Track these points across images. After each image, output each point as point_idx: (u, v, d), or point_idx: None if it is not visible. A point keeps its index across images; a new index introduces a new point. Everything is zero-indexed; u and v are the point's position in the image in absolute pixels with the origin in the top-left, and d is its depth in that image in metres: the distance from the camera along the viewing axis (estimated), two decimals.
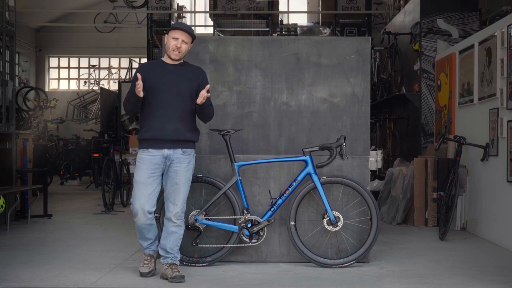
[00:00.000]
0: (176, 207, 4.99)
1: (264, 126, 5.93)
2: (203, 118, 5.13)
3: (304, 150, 5.50)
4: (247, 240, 5.42)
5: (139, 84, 4.77)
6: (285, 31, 15.67)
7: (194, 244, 5.43)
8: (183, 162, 4.97)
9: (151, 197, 4.93)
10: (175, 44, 4.94)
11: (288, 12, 18.42)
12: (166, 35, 5.02)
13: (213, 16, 14.89)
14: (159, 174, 4.98)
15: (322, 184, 5.44)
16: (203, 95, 4.86)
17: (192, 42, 5.05)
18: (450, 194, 7.11)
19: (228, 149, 5.44)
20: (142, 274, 5.09)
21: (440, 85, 8.95)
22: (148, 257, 5.15)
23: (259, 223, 5.44)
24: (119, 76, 20.69)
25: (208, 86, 4.91)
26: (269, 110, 5.94)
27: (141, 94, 4.81)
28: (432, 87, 9.38)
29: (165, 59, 5.07)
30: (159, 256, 5.16)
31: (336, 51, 5.92)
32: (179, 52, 4.96)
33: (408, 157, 9.19)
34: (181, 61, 5.07)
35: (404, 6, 10.91)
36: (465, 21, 9.38)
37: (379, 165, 8.76)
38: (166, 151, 4.93)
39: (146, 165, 4.93)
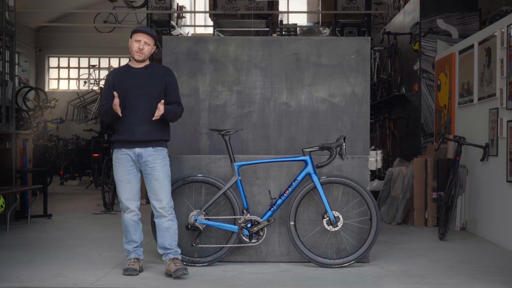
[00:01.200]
0: (161, 202, 5.12)
1: (264, 126, 5.93)
2: (169, 121, 5.28)
3: (303, 150, 5.50)
4: (247, 240, 5.43)
5: (116, 104, 4.98)
6: (285, 31, 15.68)
7: (194, 244, 5.44)
8: (157, 158, 5.14)
9: (133, 192, 5.16)
10: (138, 46, 5.15)
11: (288, 12, 18.42)
12: (129, 39, 5.22)
13: (213, 16, 14.89)
14: (137, 171, 5.18)
15: (322, 184, 5.44)
16: (158, 110, 5.01)
17: (155, 43, 5.25)
18: (450, 194, 7.11)
19: (228, 149, 5.45)
20: (128, 270, 5.07)
21: (439, 85, 8.95)
22: (135, 260, 5.19)
23: (259, 223, 5.44)
24: None
25: (163, 100, 5.04)
26: (269, 110, 5.94)
27: (120, 115, 5.03)
28: (432, 87, 9.38)
29: (132, 63, 5.28)
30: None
31: (336, 51, 5.93)
32: (142, 54, 5.16)
33: (408, 157, 9.19)
34: (147, 63, 5.25)
35: (403, 6, 10.91)
36: (465, 21, 9.38)
37: (379, 165, 8.78)
38: (137, 150, 5.13)
39: (123, 164, 5.15)
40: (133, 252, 5.22)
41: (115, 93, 5.00)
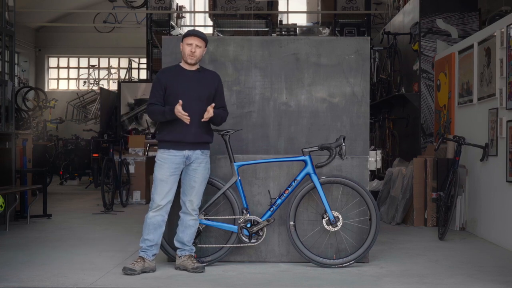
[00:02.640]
0: (193, 202, 5.27)
1: (264, 126, 5.93)
2: (215, 124, 5.43)
3: (303, 150, 5.50)
4: (247, 240, 5.43)
5: (180, 110, 5.05)
6: (284, 31, 15.69)
7: (193, 244, 5.44)
8: (202, 162, 5.28)
9: (170, 194, 5.23)
10: (190, 50, 5.25)
11: (287, 12, 18.43)
12: (181, 43, 5.32)
13: (213, 16, 14.91)
14: (178, 173, 5.27)
15: (321, 184, 5.44)
16: (208, 113, 5.17)
17: (206, 46, 5.35)
18: (450, 194, 7.11)
19: (228, 149, 5.45)
20: (126, 269, 5.10)
21: (439, 85, 8.95)
22: (140, 259, 5.22)
23: (258, 223, 5.44)
24: (119, 76, 20.69)
25: (213, 104, 5.21)
26: (269, 110, 5.94)
27: (188, 122, 5.11)
28: (432, 87, 9.38)
29: (183, 65, 5.36)
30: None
31: (336, 51, 5.93)
32: (194, 57, 5.26)
33: (407, 157, 9.19)
34: (198, 66, 5.36)
35: (403, 6, 10.91)
36: (465, 21, 9.39)
37: (379, 165, 8.76)
38: (186, 152, 5.23)
39: (168, 164, 5.22)
40: (143, 251, 5.23)
41: (180, 102, 5.06)
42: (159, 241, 5.28)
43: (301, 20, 18.62)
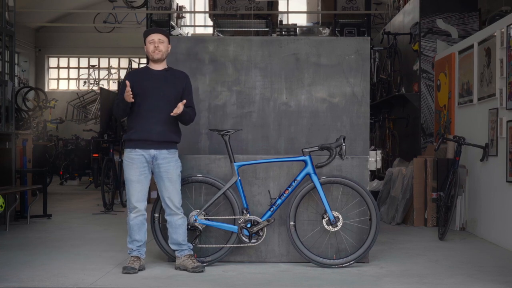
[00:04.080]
0: (174, 202, 5.26)
1: (264, 126, 5.94)
2: (183, 123, 5.42)
3: (303, 150, 5.50)
4: (247, 240, 5.43)
5: (128, 90, 5.09)
6: (284, 31, 15.68)
7: (193, 244, 5.44)
8: (171, 160, 5.28)
9: (143, 192, 5.26)
10: (154, 46, 5.29)
11: (287, 12, 18.42)
12: (144, 45, 5.37)
13: (213, 16, 14.89)
14: (148, 172, 5.28)
15: (321, 184, 5.44)
16: (178, 109, 5.15)
17: (168, 42, 5.38)
18: (450, 194, 7.11)
19: (228, 149, 5.45)
20: (126, 268, 5.13)
21: (439, 85, 8.95)
22: (135, 258, 5.25)
23: (258, 223, 5.44)
24: (119, 76, 20.68)
25: (184, 101, 5.20)
26: (269, 110, 5.94)
27: (131, 100, 5.13)
28: (432, 87, 9.38)
29: (151, 65, 5.40)
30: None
31: (336, 51, 5.93)
32: (159, 51, 5.29)
33: (407, 157, 9.19)
34: (166, 66, 5.38)
35: (403, 6, 10.91)
36: (465, 21, 9.39)
37: (379, 165, 8.75)
38: (153, 151, 5.24)
39: (136, 164, 5.23)
40: (135, 251, 5.28)
41: (127, 82, 5.09)
42: (145, 238, 5.33)
43: (301, 20, 18.60)
